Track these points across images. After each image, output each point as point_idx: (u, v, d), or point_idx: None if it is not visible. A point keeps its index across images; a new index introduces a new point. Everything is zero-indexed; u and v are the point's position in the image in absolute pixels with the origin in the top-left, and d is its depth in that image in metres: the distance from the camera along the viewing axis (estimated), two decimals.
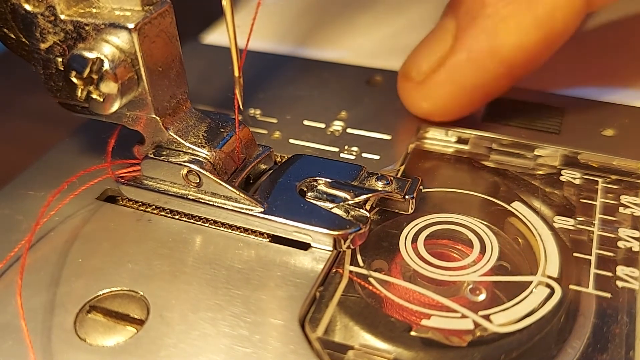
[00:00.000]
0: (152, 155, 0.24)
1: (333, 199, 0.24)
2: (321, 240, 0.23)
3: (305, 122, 0.30)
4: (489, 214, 0.25)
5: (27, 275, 0.22)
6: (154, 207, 0.25)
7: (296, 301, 0.21)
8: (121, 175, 0.25)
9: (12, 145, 0.38)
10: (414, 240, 0.24)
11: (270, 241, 0.24)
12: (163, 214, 0.25)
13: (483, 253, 0.23)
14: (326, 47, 0.37)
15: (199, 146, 0.24)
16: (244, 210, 0.23)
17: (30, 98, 0.41)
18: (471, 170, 0.27)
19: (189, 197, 0.24)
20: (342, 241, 0.23)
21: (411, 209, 0.25)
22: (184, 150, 0.24)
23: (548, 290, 0.22)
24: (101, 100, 0.22)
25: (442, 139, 0.29)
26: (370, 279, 0.22)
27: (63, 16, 0.22)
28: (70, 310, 0.21)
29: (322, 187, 0.24)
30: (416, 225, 0.24)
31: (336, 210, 0.24)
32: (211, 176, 0.24)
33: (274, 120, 0.30)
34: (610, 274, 0.22)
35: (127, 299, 0.22)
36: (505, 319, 0.21)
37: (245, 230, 0.24)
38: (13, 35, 0.24)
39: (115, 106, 0.22)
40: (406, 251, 0.23)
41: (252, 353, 0.20)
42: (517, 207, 0.25)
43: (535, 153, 0.28)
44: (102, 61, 0.21)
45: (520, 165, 0.27)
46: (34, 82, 0.25)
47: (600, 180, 0.26)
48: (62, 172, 0.26)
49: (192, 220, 0.25)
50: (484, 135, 0.28)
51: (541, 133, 0.28)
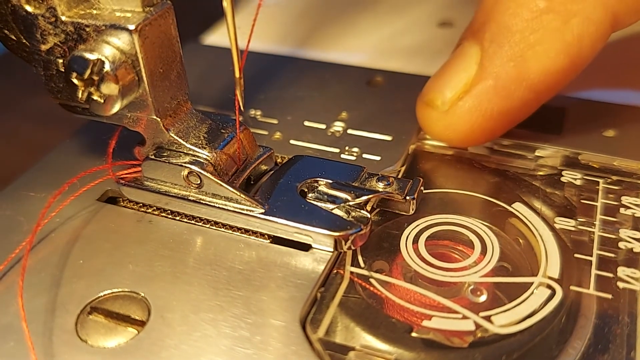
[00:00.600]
0: (153, 157, 0.24)
1: (334, 199, 0.24)
2: (322, 241, 0.23)
3: (306, 123, 0.30)
4: (490, 214, 0.25)
5: (28, 276, 0.22)
6: (155, 208, 0.25)
7: (297, 302, 0.21)
8: (122, 176, 0.25)
9: (13, 147, 0.38)
10: (415, 241, 0.24)
11: (271, 242, 0.24)
12: (164, 215, 0.25)
13: (484, 254, 0.23)
14: (327, 48, 0.37)
15: (199, 147, 0.24)
16: (245, 211, 0.23)
17: (31, 99, 0.41)
18: (472, 171, 0.27)
19: (190, 198, 0.24)
20: (343, 242, 0.23)
21: (412, 209, 0.25)
22: (185, 151, 0.24)
23: (549, 291, 0.22)
24: (102, 101, 0.22)
25: None
26: (371, 280, 0.22)
27: (64, 17, 0.22)
28: (72, 311, 0.21)
29: (323, 188, 0.24)
30: (417, 226, 0.24)
31: (337, 211, 0.24)
32: (212, 177, 0.24)
33: (275, 121, 0.30)
34: (611, 275, 0.22)
35: (128, 300, 0.22)
36: (506, 320, 0.21)
37: (246, 231, 0.24)
38: (14, 37, 0.24)
39: (116, 107, 0.22)
40: (407, 252, 0.23)
41: (253, 354, 0.20)
42: (518, 208, 0.25)
43: (536, 154, 0.28)
44: (103, 62, 0.21)
45: (521, 166, 0.27)
46: (34, 84, 0.25)
47: (601, 181, 0.26)
48: (63, 174, 0.26)
49: (193, 222, 0.25)
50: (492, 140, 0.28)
51: (542, 134, 0.28)
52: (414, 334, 0.20)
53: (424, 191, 0.26)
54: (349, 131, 0.29)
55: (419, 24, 0.39)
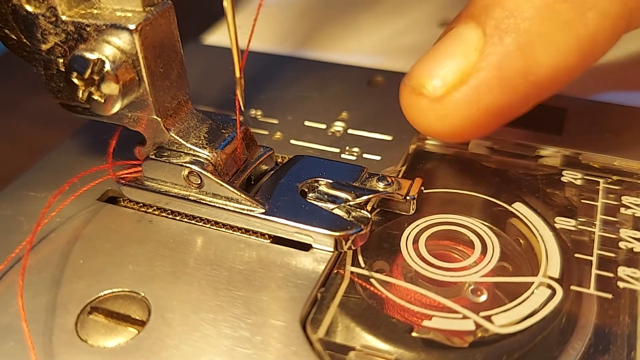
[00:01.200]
0: (154, 156, 0.24)
1: (334, 199, 0.24)
2: (322, 241, 0.23)
3: (307, 123, 0.30)
4: (490, 214, 0.25)
5: (29, 276, 0.22)
6: (155, 208, 0.25)
7: (297, 302, 0.21)
8: (122, 176, 0.25)
9: (13, 146, 0.38)
10: (415, 241, 0.24)
11: (271, 242, 0.24)
12: (164, 215, 0.25)
13: (484, 254, 0.23)
14: (327, 48, 0.37)
15: (200, 147, 0.24)
16: (245, 211, 0.23)
17: (32, 99, 0.41)
18: (472, 171, 0.27)
19: (190, 198, 0.24)
20: (344, 242, 0.23)
21: (412, 209, 0.25)
22: (185, 151, 0.24)
23: (549, 291, 0.21)
24: (102, 101, 0.22)
25: None
26: (372, 280, 0.22)
27: (64, 17, 0.22)
28: (72, 311, 0.21)
29: (323, 188, 0.24)
30: (417, 226, 0.24)
31: (337, 211, 0.24)
32: (212, 177, 0.24)
33: (275, 121, 0.30)
34: (611, 275, 0.22)
35: (129, 300, 0.22)
36: (506, 320, 0.21)
37: (247, 231, 0.24)
38: (14, 36, 0.24)
39: (117, 107, 0.22)
40: (407, 252, 0.23)
41: (253, 354, 0.20)
42: (519, 208, 0.25)
43: (537, 154, 0.28)
44: (104, 62, 0.21)
45: (522, 165, 0.27)
46: (35, 83, 0.25)
47: (601, 180, 0.26)
48: (63, 173, 0.26)
49: (193, 221, 0.25)
50: (485, 135, 0.28)
51: (542, 134, 0.28)
52: (414, 334, 0.20)
53: (425, 191, 0.26)
54: (350, 131, 0.29)
55: (419, 24, 0.39)
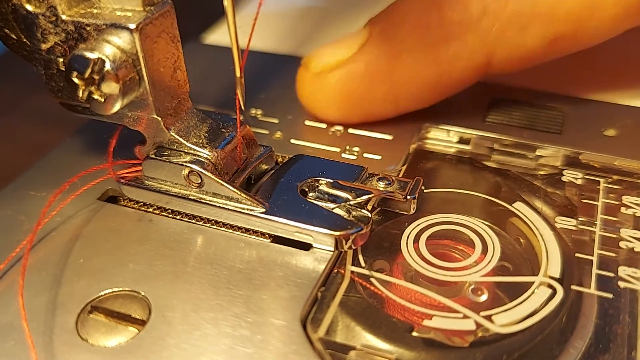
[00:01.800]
0: (154, 156, 0.24)
1: (334, 199, 0.24)
2: (323, 240, 0.23)
3: (307, 123, 0.30)
4: (491, 214, 0.25)
5: (29, 275, 0.22)
6: (156, 208, 0.25)
7: (298, 301, 0.21)
8: (122, 175, 0.25)
9: (14, 146, 0.38)
10: (416, 240, 0.24)
11: (271, 241, 0.24)
12: (164, 214, 0.25)
13: (485, 253, 0.23)
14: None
15: (200, 146, 0.24)
16: (246, 211, 0.23)
17: (32, 98, 0.41)
18: (473, 171, 0.27)
19: (191, 198, 0.24)
20: (344, 241, 0.23)
21: (413, 209, 0.25)
22: (186, 150, 0.24)
23: (550, 291, 0.21)
24: (102, 100, 0.22)
25: (444, 139, 0.29)
26: (372, 280, 0.22)
27: (64, 16, 0.22)
28: (72, 310, 0.21)
29: (324, 188, 0.24)
30: (418, 225, 0.24)
31: (338, 211, 0.24)
32: (212, 176, 0.24)
33: (275, 121, 0.30)
34: (612, 275, 0.22)
35: (129, 299, 0.22)
36: (507, 320, 0.21)
37: (247, 230, 0.24)
38: (14, 36, 0.24)
39: (117, 107, 0.22)
40: (408, 251, 0.23)
41: (254, 353, 0.20)
42: (519, 208, 0.25)
43: (537, 153, 0.28)
44: (104, 62, 0.21)
45: (522, 165, 0.27)
46: (35, 83, 0.25)
47: (602, 180, 0.26)
48: (64, 173, 0.26)
49: (194, 221, 0.25)
50: (485, 135, 0.28)
51: (543, 133, 0.28)
52: (414, 334, 0.20)
53: (425, 191, 0.26)
54: (350, 130, 0.29)
55: None
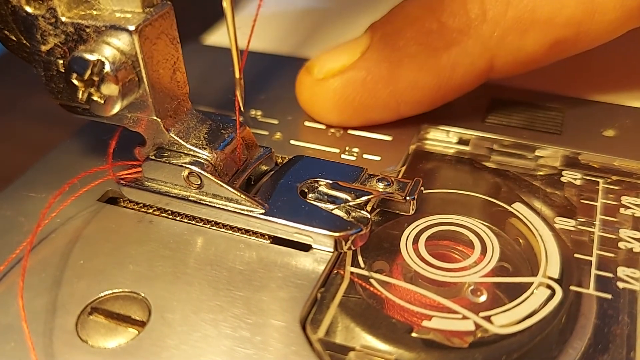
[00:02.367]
0: (153, 157, 0.24)
1: (334, 200, 0.24)
2: (322, 241, 0.23)
3: (306, 123, 0.30)
4: (490, 215, 0.25)
5: (29, 277, 0.22)
6: (155, 209, 0.25)
7: (297, 302, 0.21)
8: (122, 176, 0.25)
9: (14, 147, 0.38)
10: (415, 241, 0.24)
11: (271, 242, 0.24)
12: (164, 215, 0.25)
13: (484, 254, 0.23)
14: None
15: (200, 148, 0.24)
16: (245, 212, 0.23)
17: (32, 100, 0.41)
18: (472, 171, 0.27)
19: (190, 199, 0.24)
20: (343, 242, 0.23)
21: (412, 210, 0.25)
22: (185, 151, 0.24)
23: (549, 292, 0.22)
24: (102, 102, 0.22)
25: (443, 139, 0.29)
26: (371, 280, 0.22)
27: (64, 18, 0.22)
28: (72, 311, 0.21)
29: (323, 189, 0.25)
30: (417, 226, 0.24)
31: (337, 212, 0.24)
32: (212, 178, 0.24)
33: (275, 122, 0.30)
34: (611, 275, 0.22)
35: (129, 301, 0.22)
36: (506, 320, 0.21)
37: (247, 231, 0.24)
38: (14, 37, 0.24)
39: (116, 108, 0.22)
40: (407, 252, 0.23)
41: (254, 354, 0.20)
42: (518, 208, 0.25)
43: (536, 154, 0.28)
44: (103, 63, 0.21)
45: (521, 166, 0.27)
46: (35, 84, 0.25)
47: (601, 181, 0.26)
48: (64, 174, 0.26)
49: (194, 222, 0.25)
50: (484, 136, 0.28)
51: (542, 134, 0.28)
52: (414, 334, 0.21)
53: (424, 191, 0.26)
54: (349, 131, 0.29)
55: None
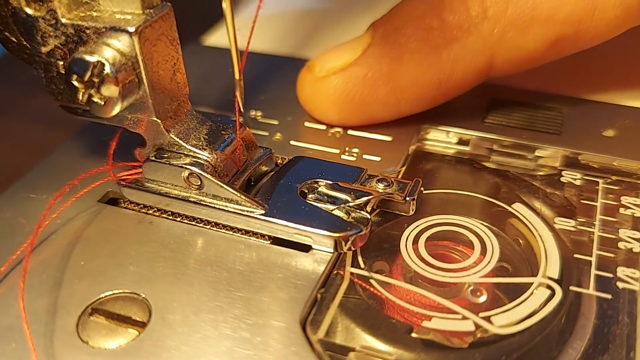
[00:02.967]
0: (154, 158, 0.24)
1: (334, 200, 0.24)
2: (322, 242, 0.23)
3: (306, 124, 0.30)
4: (490, 215, 0.25)
5: (30, 278, 0.22)
6: (156, 210, 0.25)
7: (297, 303, 0.21)
8: (123, 177, 0.25)
9: (14, 148, 0.38)
10: (415, 241, 0.24)
11: (271, 243, 0.24)
12: (164, 216, 0.25)
13: (484, 254, 0.23)
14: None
15: (200, 148, 0.24)
16: (245, 213, 0.24)
17: (32, 101, 0.41)
18: (472, 172, 0.27)
19: (191, 200, 0.24)
20: (343, 243, 0.23)
21: (412, 210, 0.25)
22: (185, 152, 0.24)
23: (549, 292, 0.22)
24: (102, 103, 0.22)
25: (443, 140, 0.29)
26: (371, 281, 0.22)
27: (64, 20, 0.22)
28: (73, 312, 0.21)
29: (323, 189, 0.25)
30: (417, 226, 0.24)
31: (337, 212, 0.24)
32: (212, 178, 0.24)
33: (275, 122, 0.30)
34: (610, 275, 0.22)
35: (129, 302, 0.22)
36: (506, 321, 0.21)
37: (247, 232, 0.24)
38: (14, 39, 0.24)
39: (117, 109, 0.22)
40: (407, 253, 0.23)
41: (254, 355, 0.20)
42: (518, 208, 0.25)
43: (536, 154, 0.28)
44: (103, 65, 0.21)
45: (521, 166, 0.27)
46: (35, 85, 0.25)
47: (600, 181, 0.26)
48: (64, 175, 0.26)
49: (194, 223, 0.25)
50: (484, 136, 0.29)
51: (542, 134, 0.28)
52: (414, 335, 0.21)
53: (424, 192, 0.26)
54: (349, 132, 0.29)
55: None
